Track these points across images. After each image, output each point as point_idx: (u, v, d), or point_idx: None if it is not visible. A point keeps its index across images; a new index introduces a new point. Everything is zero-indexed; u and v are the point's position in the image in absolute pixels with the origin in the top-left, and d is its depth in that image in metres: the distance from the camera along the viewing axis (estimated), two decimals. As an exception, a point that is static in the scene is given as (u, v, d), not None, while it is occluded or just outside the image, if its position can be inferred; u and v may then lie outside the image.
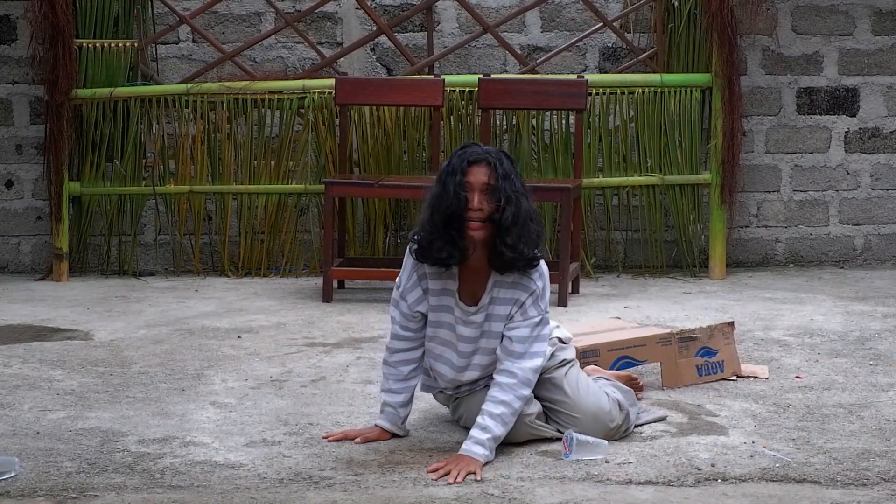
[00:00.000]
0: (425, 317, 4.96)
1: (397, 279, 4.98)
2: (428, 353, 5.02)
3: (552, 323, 5.08)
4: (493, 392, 4.79)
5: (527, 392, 4.82)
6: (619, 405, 5.03)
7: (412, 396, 5.03)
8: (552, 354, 4.99)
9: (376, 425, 5.00)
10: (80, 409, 5.42)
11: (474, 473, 4.60)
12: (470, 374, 4.95)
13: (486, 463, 4.70)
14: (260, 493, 4.45)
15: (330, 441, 4.93)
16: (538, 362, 4.84)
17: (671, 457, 4.81)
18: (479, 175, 4.73)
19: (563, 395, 4.97)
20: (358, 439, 4.93)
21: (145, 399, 5.58)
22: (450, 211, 4.73)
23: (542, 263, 4.88)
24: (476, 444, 4.71)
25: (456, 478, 4.56)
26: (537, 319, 4.83)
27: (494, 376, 4.83)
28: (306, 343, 6.65)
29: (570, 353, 5.07)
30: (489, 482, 4.54)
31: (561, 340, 5.06)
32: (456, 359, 4.93)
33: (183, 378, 5.93)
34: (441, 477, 4.58)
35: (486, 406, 4.77)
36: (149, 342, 6.65)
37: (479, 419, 4.76)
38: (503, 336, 4.85)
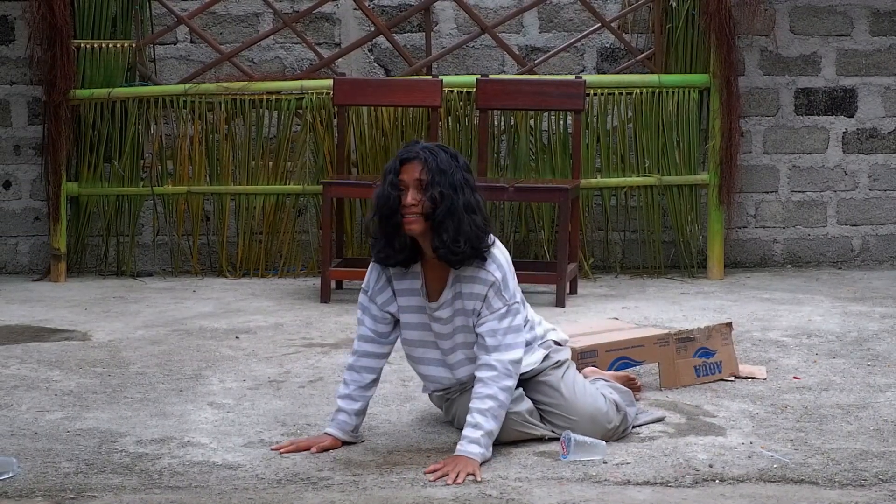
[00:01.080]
0: (395, 320, 4.96)
1: (364, 283, 4.97)
2: (409, 359, 5.03)
3: (546, 324, 5.08)
4: (477, 388, 4.79)
5: (510, 383, 4.80)
6: (617, 406, 5.03)
7: (366, 407, 4.99)
8: (546, 356, 4.99)
9: (326, 433, 4.94)
10: (78, 410, 5.42)
11: (473, 474, 4.60)
12: (465, 371, 4.93)
13: (484, 462, 4.70)
14: (258, 494, 4.45)
15: (281, 453, 4.85)
16: (517, 353, 4.82)
17: (669, 457, 4.81)
18: (411, 172, 4.75)
19: (560, 398, 4.96)
20: (313, 449, 4.86)
21: (143, 400, 5.58)
22: (384, 211, 4.78)
23: (499, 254, 4.85)
24: (471, 444, 4.70)
25: (455, 479, 4.55)
26: (503, 310, 4.82)
27: (476, 373, 4.82)
28: (304, 343, 6.65)
29: (564, 355, 5.06)
30: (487, 482, 4.54)
31: (556, 343, 5.06)
32: (440, 356, 4.93)
33: (181, 379, 5.93)
34: (439, 478, 4.58)
35: (473, 403, 4.76)
36: (147, 343, 6.65)
37: (468, 418, 4.75)
38: (476, 334, 4.85)
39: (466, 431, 4.73)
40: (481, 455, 4.69)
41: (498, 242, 4.90)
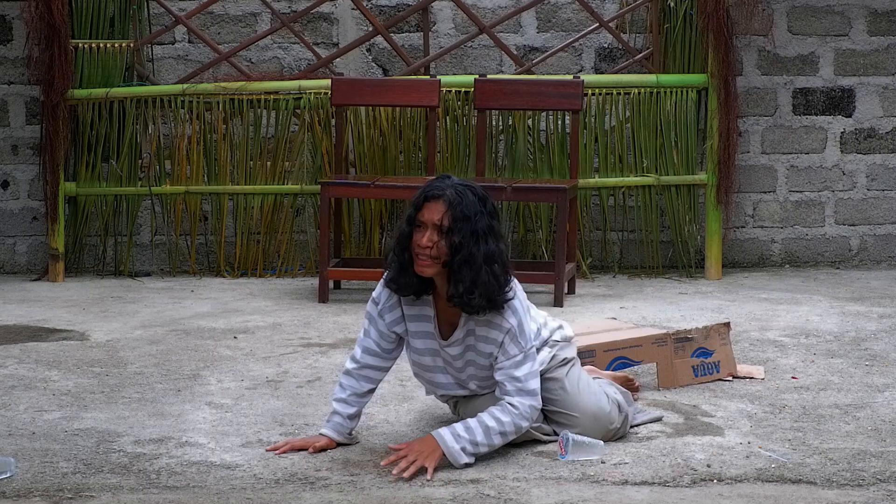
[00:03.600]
0: (400, 339, 4.92)
1: (375, 294, 4.89)
2: (419, 374, 4.99)
3: (553, 323, 5.06)
4: (495, 409, 4.74)
5: (525, 425, 4.76)
6: (619, 406, 5.02)
7: (362, 411, 4.96)
8: (553, 355, 4.98)
9: (321, 433, 4.92)
10: (75, 410, 5.42)
11: (426, 469, 4.57)
12: (473, 385, 4.92)
13: (467, 465, 4.65)
14: (256, 494, 4.45)
15: (278, 454, 4.83)
16: (537, 400, 4.79)
17: (667, 457, 4.81)
18: (432, 213, 4.63)
19: (564, 394, 4.95)
20: (310, 449, 4.84)
21: (141, 399, 5.58)
22: (400, 245, 4.69)
23: (516, 300, 4.77)
24: (450, 434, 4.65)
25: (402, 472, 4.53)
26: (520, 357, 4.76)
27: (498, 402, 4.77)
28: (302, 343, 6.65)
29: (570, 353, 5.05)
30: (485, 482, 4.54)
31: (562, 339, 5.04)
32: (454, 373, 4.90)
33: (179, 378, 5.93)
34: (390, 463, 4.58)
35: (483, 415, 4.72)
36: (145, 343, 6.65)
37: (469, 420, 4.72)
38: (497, 379, 4.79)
39: (457, 425, 4.69)
40: (453, 450, 4.63)
41: (516, 284, 4.81)
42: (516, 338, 4.75)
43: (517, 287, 4.82)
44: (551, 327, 5.03)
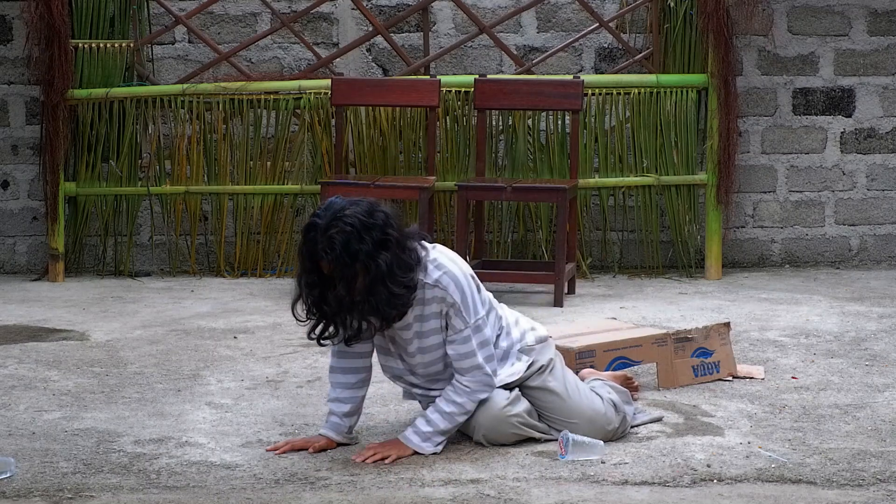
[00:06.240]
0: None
1: None
2: (385, 371, 5.03)
3: (526, 323, 5.03)
4: (448, 392, 4.83)
5: (482, 396, 4.85)
6: (615, 406, 5.02)
7: (359, 407, 4.97)
8: (531, 363, 4.95)
9: (321, 434, 4.93)
10: (75, 410, 5.42)
11: (399, 458, 4.73)
12: (420, 370, 4.91)
13: (433, 453, 4.79)
14: (256, 494, 4.45)
15: (277, 454, 4.84)
16: (490, 367, 4.84)
17: (667, 457, 4.81)
18: (326, 267, 4.63)
19: (558, 401, 4.94)
20: (310, 450, 4.86)
21: (141, 399, 5.59)
22: (329, 309, 4.72)
23: (454, 276, 4.77)
24: (414, 434, 4.80)
25: (366, 459, 4.72)
26: (467, 333, 4.79)
27: (452, 381, 4.83)
28: (302, 343, 6.64)
29: (547, 355, 5.01)
30: (485, 482, 4.54)
31: (539, 341, 5.00)
32: (407, 358, 4.90)
33: (179, 378, 5.93)
34: (364, 459, 4.73)
35: (439, 402, 4.83)
36: (145, 343, 6.65)
37: (427, 411, 4.83)
38: (449, 353, 4.83)
39: (418, 422, 4.82)
40: (421, 448, 4.79)
41: (447, 255, 4.82)
42: (459, 313, 4.77)
43: (450, 259, 4.81)
44: (523, 328, 5.00)
